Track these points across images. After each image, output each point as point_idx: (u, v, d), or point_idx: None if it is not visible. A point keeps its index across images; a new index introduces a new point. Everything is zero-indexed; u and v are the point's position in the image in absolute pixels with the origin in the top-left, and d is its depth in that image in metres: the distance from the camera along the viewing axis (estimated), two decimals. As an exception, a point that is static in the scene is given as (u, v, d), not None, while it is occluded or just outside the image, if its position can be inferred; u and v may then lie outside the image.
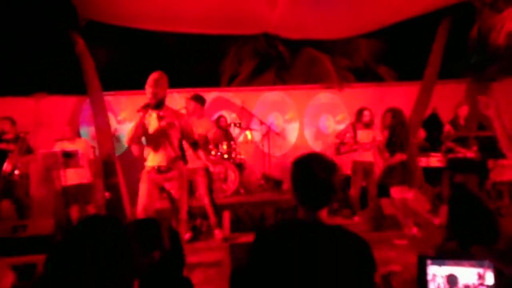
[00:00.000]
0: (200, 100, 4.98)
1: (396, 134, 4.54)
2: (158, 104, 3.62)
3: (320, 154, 1.61)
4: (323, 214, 1.53)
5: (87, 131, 6.89)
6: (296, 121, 7.62)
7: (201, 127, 4.85)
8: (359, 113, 5.70)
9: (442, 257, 1.46)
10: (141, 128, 3.62)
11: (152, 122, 3.64)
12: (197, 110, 4.91)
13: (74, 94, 6.91)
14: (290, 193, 1.59)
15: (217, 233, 4.81)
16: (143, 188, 3.69)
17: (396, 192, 4.53)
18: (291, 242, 1.44)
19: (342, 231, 1.49)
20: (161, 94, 3.61)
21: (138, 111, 3.57)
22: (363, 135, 5.66)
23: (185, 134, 3.77)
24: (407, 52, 8.07)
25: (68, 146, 5.16)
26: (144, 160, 3.79)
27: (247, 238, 4.73)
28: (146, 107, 3.57)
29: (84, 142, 5.62)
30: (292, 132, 7.59)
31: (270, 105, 7.58)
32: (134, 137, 3.62)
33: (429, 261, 1.40)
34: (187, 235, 4.23)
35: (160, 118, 3.62)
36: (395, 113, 4.64)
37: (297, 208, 1.57)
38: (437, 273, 1.38)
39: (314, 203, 1.51)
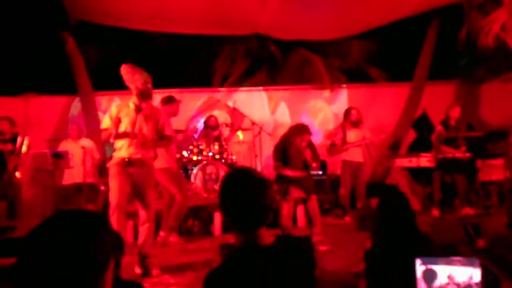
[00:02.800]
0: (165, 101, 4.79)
1: None
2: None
3: (249, 170, 1.52)
4: (262, 232, 1.40)
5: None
6: (288, 121, 7.64)
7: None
8: (347, 112, 5.81)
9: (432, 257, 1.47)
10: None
11: (131, 113, 3.52)
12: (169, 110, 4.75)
13: (64, 94, 6.85)
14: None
15: (162, 234, 4.67)
16: (114, 183, 3.46)
17: None
18: (241, 276, 1.33)
19: (283, 245, 1.41)
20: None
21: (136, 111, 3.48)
22: (353, 135, 5.72)
23: (158, 129, 3.66)
24: (397, 53, 8.14)
25: (73, 146, 5.14)
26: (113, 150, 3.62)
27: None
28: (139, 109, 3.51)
29: (89, 141, 5.59)
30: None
31: (262, 106, 7.59)
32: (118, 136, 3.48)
33: (419, 261, 1.40)
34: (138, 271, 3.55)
35: (138, 110, 3.51)
36: None
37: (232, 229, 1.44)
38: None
39: (252, 225, 1.39)
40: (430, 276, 1.36)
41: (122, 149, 3.51)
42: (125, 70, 3.50)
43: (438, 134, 5.50)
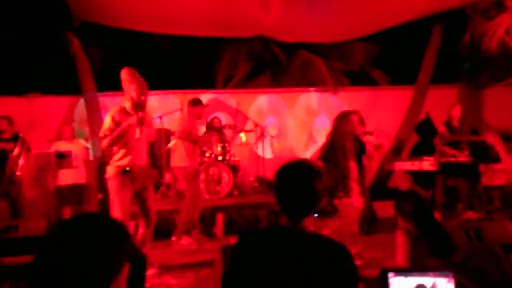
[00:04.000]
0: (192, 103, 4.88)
1: None
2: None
3: (305, 160, 1.59)
4: (308, 221, 1.48)
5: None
6: (291, 124, 7.65)
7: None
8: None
9: (405, 270, 1.48)
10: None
11: (130, 121, 3.41)
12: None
13: (68, 94, 6.88)
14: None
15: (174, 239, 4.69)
16: (117, 199, 3.36)
17: None
18: (271, 248, 1.41)
19: (324, 240, 1.46)
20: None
21: (139, 115, 3.38)
22: None
23: (151, 134, 3.66)
24: (400, 56, 8.15)
25: (65, 146, 5.15)
26: (110, 158, 3.52)
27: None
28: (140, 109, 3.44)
29: (84, 142, 5.62)
30: (287, 135, 7.62)
31: (265, 108, 7.60)
32: (117, 141, 3.39)
33: (391, 274, 1.39)
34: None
35: (140, 120, 3.42)
36: None
37: (280, 214, 1.53)
38: (403, 285, 1.38)
39: (298, 211, 1.48)
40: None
41: (120, 157, 3.42)
42: (124, 76, 3.45)
43: (441, 135, 5.50)
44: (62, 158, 4.86)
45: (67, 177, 5.32)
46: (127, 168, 3.40)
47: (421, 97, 6.80)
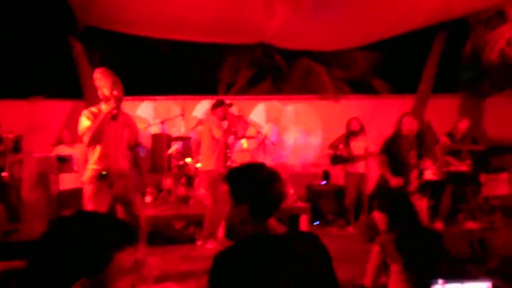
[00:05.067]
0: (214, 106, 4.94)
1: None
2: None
3: (261, 163, 1.60)
4: (273, 221, 1.51)
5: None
6: (292, 131, 7.65)
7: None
8: (348, 123, 5.81)
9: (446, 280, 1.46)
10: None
11: (106, 120, 3.27)
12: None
13: (70, 98, 6.88)
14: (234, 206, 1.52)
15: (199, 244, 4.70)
16: (90, 198, 3.19)
17: None
18: (253, 258, 1.36)
19: (296, 234, 1.52)
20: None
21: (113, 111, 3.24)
22: (356, 146, 5.72)
23: (133, 137, 3.51)
24: (402, 65, 8.18)
25: (66, 151, 5.13)
26: (85, 162, 3.40)
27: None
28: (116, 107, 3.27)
29: (81, 147, 5.60)
30: (288, 141, 7.63)
31: (266, 115, 7.61)
32: (96, 137, 3.24)
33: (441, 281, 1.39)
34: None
35: (114, 117, 3.30)
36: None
37: (243, 220, 1.49)
38: None
39: (268, 214, 1.49)
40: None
41: (96, 160, 3.27)
42: (96, 75, 3.36)
43: (442, 145, 5.50)
44: (63, 162, 4.85)
45: (68, 181, 5.30)
46: (103, 172, 3.24)
47: (422, 106, 6.82)
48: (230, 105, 4.99)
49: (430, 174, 5.66)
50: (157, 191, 6.01)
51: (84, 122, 3.26)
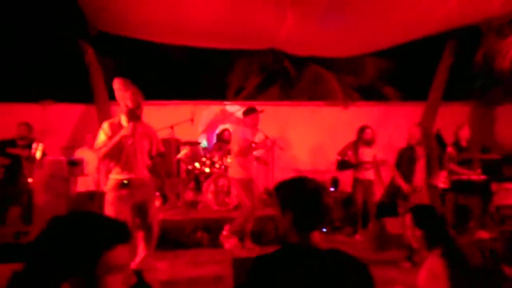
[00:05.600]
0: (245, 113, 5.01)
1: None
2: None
3: (309, 177, 1.60)
4: (316, 235, 1.52)
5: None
6: (301, 137, 7.64)
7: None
8: (361, 131, 5.74)
9: None
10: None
11: (124, 132, 3.36)
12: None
13: (82, 102, 6.96)
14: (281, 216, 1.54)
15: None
16: (111, 205, 3.32)
17: None
18: (290, 269, 1.40)
19: (340, 255, 1.48)
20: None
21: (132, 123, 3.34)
22: (365, 153, 5.69)
23: (154, 145, 3.59)
24: (412, 72, 8.14)
25: (88, 154, 5.20)
26: (108, 171, 3.50)
27: (250, 253, 4.71)
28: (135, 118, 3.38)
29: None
30: (297, 148, 7.61)
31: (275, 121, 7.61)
32: (112, 154, 3.35)
33: None
34: None
35: (134, 128, 3.38)
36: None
37: (287, 230, 1.52)
38: None
39: (312, 226, 1.51)
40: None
41: (119, 170, 3.38)
42: (117, 86, 3.41)
43: (449, 156, 5.44)
44: (74, 165, 4.90)
45: (81, 184, 5.37)
46: (125, 182, 3.36)
47: (433, 114, 6.77)
48: (261, 111, 4.98)
49: (440, 182, 5.61)
50: (165, 195, 6.03)
51: (102, 137, 3.37)
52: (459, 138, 5.43)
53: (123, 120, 3.42)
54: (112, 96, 6.63)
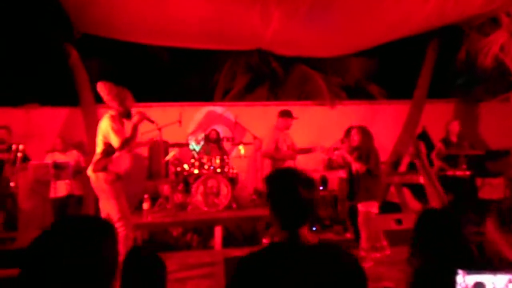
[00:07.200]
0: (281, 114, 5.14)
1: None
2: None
3: (297, 169, 1.56)
4: (304, 231, 1.45)
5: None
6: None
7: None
8: (349, 131, 5.77)
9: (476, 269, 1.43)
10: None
11: (126, 128, 3.61)
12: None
13: (67, 106, 6.86)
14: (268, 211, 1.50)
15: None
16: (121, 198, 3.51)
17: (362, 206, 4.49)
18: (277, 266, 1.35)
19: (328, 248, 1.43)
20: None
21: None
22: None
23: None
24: (397, 71, 8.25)
25: (60, 158, 5.12)
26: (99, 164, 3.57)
27: (240, 252, 4.71)
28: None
29: (76, 154, 5.59)
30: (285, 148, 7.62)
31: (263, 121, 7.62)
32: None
33: (463, 273, 1.36)
34: None
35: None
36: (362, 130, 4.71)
37: (275, 229, 1.48)
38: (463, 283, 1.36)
39: (297, 222, 1.44)
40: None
41: (115, 163, 3.56)
42: (101, 90, 3.57)
43: (438, 151, 5.53)
44: (60, 169, 4.82)
45: (62, 188, 5.29)
46: (121, 174, 3.58)
47: (418, 112, 6.87)
48: (295, 118, 5.22)
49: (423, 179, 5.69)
50: (154, 197, 5.99)
51: (119, 130, 3.50)
52: (450, 133, 5.53)
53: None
54: (98, 99, 6.60)
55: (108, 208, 3.46)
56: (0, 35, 6.70)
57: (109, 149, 3.46)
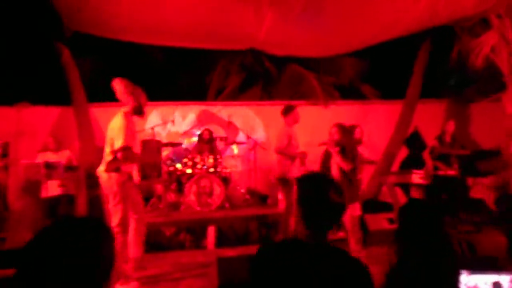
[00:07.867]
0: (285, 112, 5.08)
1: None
2: None
3: (326, 175, 1.65)
4: (327, 234, 1.53)
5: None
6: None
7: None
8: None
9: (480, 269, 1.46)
10: None
11: (132, 128, 3.68)
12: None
13: (58, 105, 6.80)
14: (297, 213, 1.56)
15: None
16: (138, 195, 3.65)
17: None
18: (295, 262, 1.40)
19: (346, 256, 1.48)
20: None
21: None
22: None
23: None
24: (389, 71, 8.30)
25: (51, 157, 5.07)
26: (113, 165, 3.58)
27: (233, 252, 4.71)
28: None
29: (68, 153, 5.55)
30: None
31: (256, 120, 7.62)
32: None
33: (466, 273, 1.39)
34: None
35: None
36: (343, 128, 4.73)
37: (300, 227, 1.54)
38: (480, 281, 1.38)
39: (327, 225, 1.52)
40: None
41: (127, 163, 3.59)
42: (118, 85, 3.59)
43: (431, 149, 5.59)
44: (52, 168, 4.78)
45: (54, 188, 5.23)
46: (131, 175, 3.65)
47: (410, 112, 6.91)
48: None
49: (418, 178, 5.75)
50: (147, 197, 5.96)
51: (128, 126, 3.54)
52: (445, 132, 5.59)
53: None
54: (90, 98, 6.56)
55: (112, 212, 3.46)
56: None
57: (128, 154, 3.46)
